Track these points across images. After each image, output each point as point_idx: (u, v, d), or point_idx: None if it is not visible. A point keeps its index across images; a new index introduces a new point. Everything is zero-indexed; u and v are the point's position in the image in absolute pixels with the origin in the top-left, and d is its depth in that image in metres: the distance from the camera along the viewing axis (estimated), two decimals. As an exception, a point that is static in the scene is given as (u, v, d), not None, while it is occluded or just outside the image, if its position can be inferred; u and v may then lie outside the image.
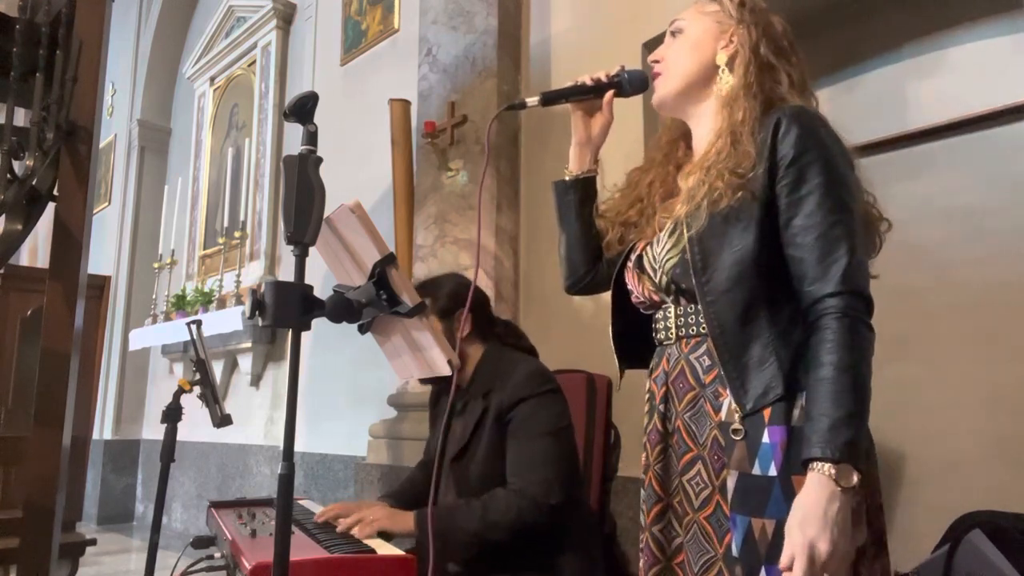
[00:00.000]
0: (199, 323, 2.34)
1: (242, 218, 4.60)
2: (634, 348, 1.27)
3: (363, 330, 1.30)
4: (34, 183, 1.39)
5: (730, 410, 1.06)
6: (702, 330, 1.10)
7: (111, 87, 6.62)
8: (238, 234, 4.58)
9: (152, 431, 5.78)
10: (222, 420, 2.26)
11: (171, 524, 5.13)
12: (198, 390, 2.26)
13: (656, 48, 1.27)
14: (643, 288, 1.21)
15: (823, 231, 1.02)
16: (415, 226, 3.03)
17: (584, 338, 2.41)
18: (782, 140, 1.06)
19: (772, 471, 1.00)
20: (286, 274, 3.16)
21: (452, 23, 3.01)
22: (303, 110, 1.09)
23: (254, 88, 4.95)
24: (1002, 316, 1.90)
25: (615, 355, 1.28)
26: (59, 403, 1.37)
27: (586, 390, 1.97)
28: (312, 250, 1.05)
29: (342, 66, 4.16)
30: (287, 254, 4.32)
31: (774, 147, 1.07)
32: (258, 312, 1.01)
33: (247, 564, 1.24)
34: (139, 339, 5.40)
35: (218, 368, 4.73)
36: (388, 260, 1.18)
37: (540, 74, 2.92)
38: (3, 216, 1.36)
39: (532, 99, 1.26)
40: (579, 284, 1.37)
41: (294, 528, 1.47)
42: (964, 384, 1.93)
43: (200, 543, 1.73)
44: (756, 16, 1.19)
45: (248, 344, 4.45)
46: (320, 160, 1.05)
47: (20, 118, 1.54)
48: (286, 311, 1.01)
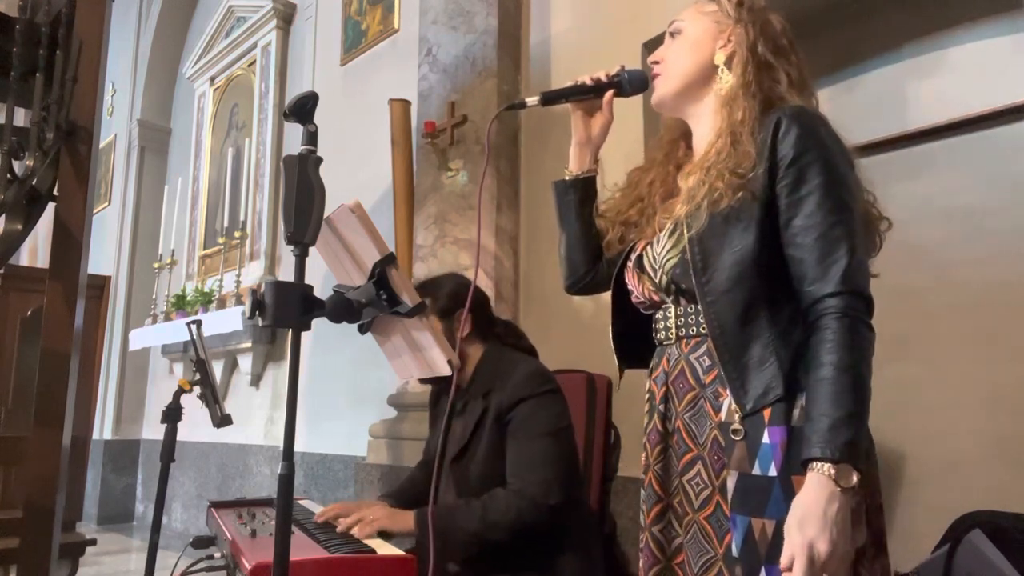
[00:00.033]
0: (199, 323, 2.34)
1: (242, 218, 4.60)
2: (634, 348, 1.27)
3: (363, 330, 1.30)
4: (34, 183, 1.39)
5: (730, 410, 1.06)
6: (702, 330, 1.10)
7: (111, 87, 6.62)
8: (238, 234, 4.58)
9: (152, 431, 5.78)
10: (222, 420, 2.26)
11: (171, 524, 5.13)
12: (198, 390, 2.26)
13: (656, 48, 1.27)
14: (643, 288, 1.21)
15: (823, 231, 1.02)
16: (415, 226, 3.03)
17: (584, 338, 2.41)
18: (782, 140, 1.06)
19: (772, 471, 1.00)
20: (286, 274, 3.16)
21: (452, 23, 3.01)
22: (303, 110, 1.09)
23: (254, 88, 4.95)
24: (1002, 316, 1.90)
25: (615, 355, 1.28)
26: (59, 403, 1.37)
27: (586, 390, 1.97)
28: (312, 250, 1.05)
29: (342, 66, 4.16)
30: (287, 254, 4.32)
31: (774, 147, 1.07)
32: (258, 312, 1.01)
33: (247, 564, 1.24)
34: (139, 339, 5.40)
35: (218, 368, 4.74)
36: (388, 260, 1.18)
37: (540, 74, 2.91)
38: (3, 216, 1.36)
39: (532, 99, 1.26)
40: (579, 284, 1.37)
41: (294, 528, 1.47)
42: (964, 384, 1.93)
43: (200, 543, 1.74)
44: (754, 15, 1.19)
45: (248, 344, 4.45)
46: (320, 160, 1.06)
47: (20, 118, 1.53)
48: (286, 311, 1.01)
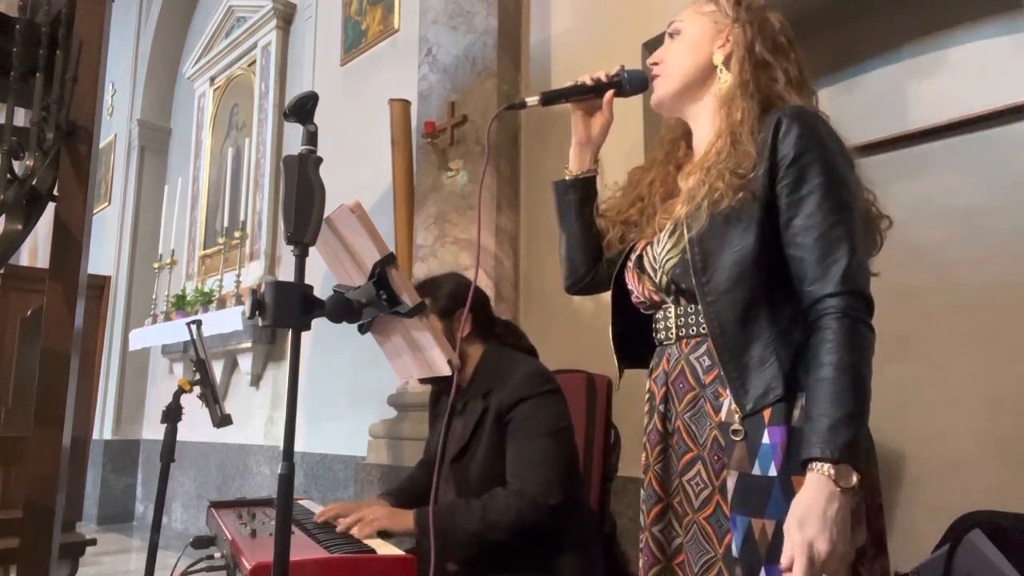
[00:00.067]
0: (199, 323, 2.34)
1: (242, 218, 4.60)
2: (634, 348, 1.27)
3: (363, 330, 1.30)
4: (34, 183, 1.39)
5: (730, 410, 1.06)
6: (702, 330, 1.10)
7: (111, 87, 6.62)
8: (238, 234, 4.58)
9: (152, 431, 5.78)
10: (222, 420, 2.26)
11: (171, 524, 5.13)
12: (198, 390, 2.27)
13: (656, 49, 1.27)
14: (643, 288, 1.21)
15: (823, 231, 1.02)
16: (415, 226, 3.03)
17: (584, 338, 2.41)
18: (782, 140, 1.06)
19: (772, 471, 1.00)
20: (286, 274, 3.16)
21: (452, 23, 3.00)
22: (303, 110, 1.09)
23: (254, 88, 4.95)
24: (1002, 316, 1.90)
25: (615, 355, 1.28)
26: (59, 403, 1.37)
27: (586, 390, 1.97)
28: (312, 250, 1.05)
29: (342, 66, 4.16)
30: (287, 254, 4.32)
31: (774, 147, 1.07)
32: (258, 312, 1.01)
33: (247, 564, 1.24)
34: (139, 339, 5.40)
35: (218, 368, 4.73)
36: (388, 260, 1.18)
37: (540, 74, 2.91)
38: (3, 216, 1.36)
39: (532, 99, 1.26)
40: (579, 284, 1.37)
41: (294, 528, 1.47)
42: (964, 384, 1.93)
43: (200, 543, 1.74)
44: (752, 14, 1.19)
45: (248, 344, 4.45)
46: (320, 160, 1.06)
47: (20, 118, 1.53)
48: (286, 311, 1.01)
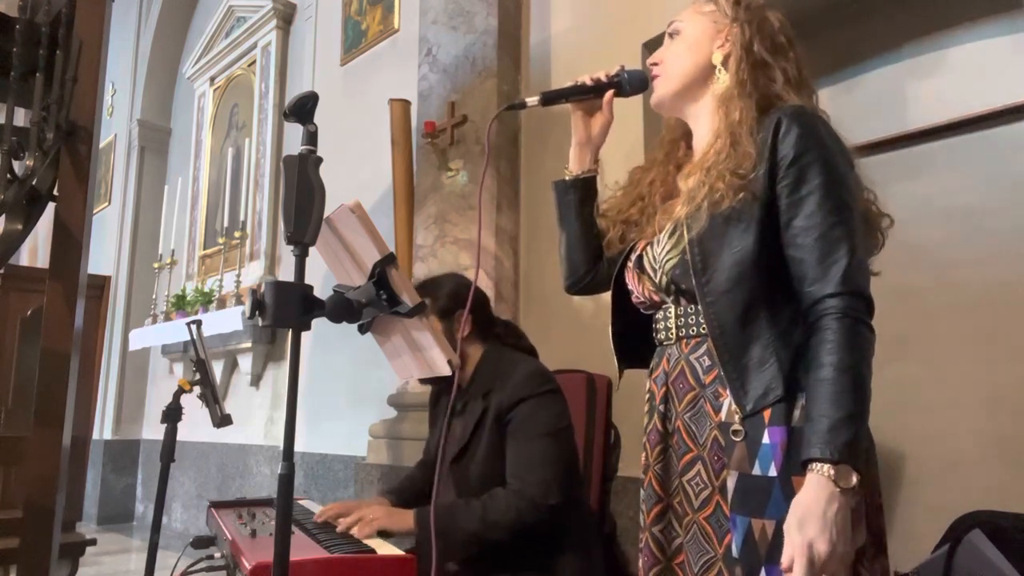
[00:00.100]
0: (199, 323, 2.34)
1: (242, 218, 4.60)
2: (634, 348, 1.27)
3: (363, 330, 1.30)
4: (34, 183, 1.39)
5: (730, 411, 1.06)
6: (702, 330, 1.10)
7: (111, 87, 6.62)
8: (238, 234, 4.58)
9: (152, 431, 5.78)
10: (222, 420, 2.26)
11: (171, 524, 5.13)
12: (198, 390, 2.27)
13: (656, 49, 1.27)
14: (643, 288, 1.21)
15: (823, 232, 1.02)
16: (415, 226, 3.03)
17: (584, 338, 2.41)
18: (782, 140, 1.06)
19: (772, 472, 1.00)
20: (286, 274, 3.16)
21: (452, 23, 3.00)
22: (303, 110, 1.09)
23: (254, 88, 4.95)
24: (1002, 316, 1.90)
25: (615, 355, 1.28)
26: (59, 403, 1.37)
27: (586, 390, 1.97)
28: (312, 250, 1.05)
29: (342, 66, 4.16)
30: (287, 254, 4.32)
31: (774, 147, 1.07)
32: (258, 312, 1.01)
33: (247, 564, 1.24)
34: (139, 339, 5.40)
35: (218, 368, 4.73)
36: (388, 260, 1.18)
37: (540, 74, 2.91)
38: (3, 216, 1.36)
39: (532, 99, 1.26)
40: (579, 284, 1.37)
41: (294, 528, 1.47)
42: (964, 384, 1.93)
43: (200, 543, 1.74)
44: (751, 14, 1.18)
45: (248, 344, 4.45)
46: (320, 160, 1.06)
47: (20, 118, 1.53)
48: (286, 311, 1.01)
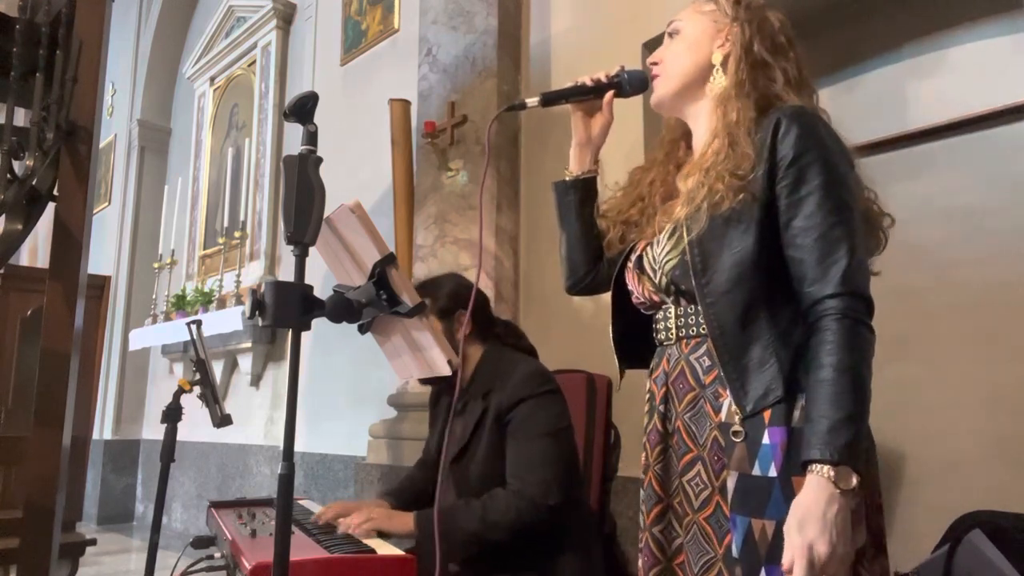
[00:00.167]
0: (199, 323, 2.34)
1: (242, 218, 4.60)
2: (634, 348, 1.27)
3: (363, 330, 1.30)
4: (34, 183, 1.39)
5: (730, 411, 1.05)
6: (702, 331, 1.10)
7: (111, 87, 6.62)
8: (238, 234, 4.58)
9: (152, 431, 5.78)
10: (222, 420, 2.26)
11: (171, 524, 5.13)
12: (198, 390, 2.26)
13: (656, 49, 1.27)
14: (643, 289, 1.21)
15: (823, 232, 1.02)
16: (415, 226, 3.03)
17: (584, 338, 2.41)
18: (782, 140, 1.06)
19: (772, 472, 1.00)
20: (286, 274, 3.16)
21: (452, 23, 3.00)
22: (303, 110, 1.09)
23: (254, 88, 4.95)
24: (1002, 316, 1.90)
25: (615, 355, 1.28)
26: (59, 403, 1.37)
27: (586, 390, 1.97)
28: (312, 250, 1.05)
29: (342, 66, 4.16)
30: (287, 254, 4.32)
31: (774, 148, 1.07)
32: (258, 312, 1.01)
33: (247, 564, 1.24)
34: (139, 339, 5.40)
35: (218, 368, 4.73)
36: (388, 260, 1.18)
37: (540, 74, 2.91)
38: (3, 216, 1.36)
39: (532, 99, 1.26)
40: (580, 284, 1.37)
41: (294, 528, 1.47)
42: (964, 384, 1.93)
43: (200, 543, 1.74)
44: (751, 13, 1.18)
45: (248, 344, 4.45)
46: (320, 160, 1.06)
47: (20, 118, 1.53)
48: (286, 311, 1.01)
